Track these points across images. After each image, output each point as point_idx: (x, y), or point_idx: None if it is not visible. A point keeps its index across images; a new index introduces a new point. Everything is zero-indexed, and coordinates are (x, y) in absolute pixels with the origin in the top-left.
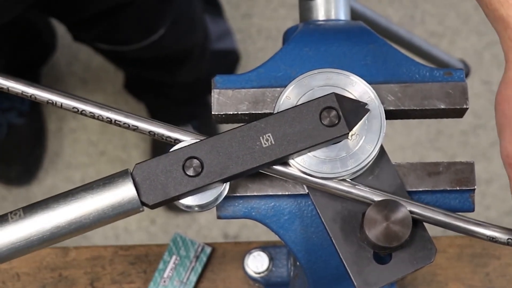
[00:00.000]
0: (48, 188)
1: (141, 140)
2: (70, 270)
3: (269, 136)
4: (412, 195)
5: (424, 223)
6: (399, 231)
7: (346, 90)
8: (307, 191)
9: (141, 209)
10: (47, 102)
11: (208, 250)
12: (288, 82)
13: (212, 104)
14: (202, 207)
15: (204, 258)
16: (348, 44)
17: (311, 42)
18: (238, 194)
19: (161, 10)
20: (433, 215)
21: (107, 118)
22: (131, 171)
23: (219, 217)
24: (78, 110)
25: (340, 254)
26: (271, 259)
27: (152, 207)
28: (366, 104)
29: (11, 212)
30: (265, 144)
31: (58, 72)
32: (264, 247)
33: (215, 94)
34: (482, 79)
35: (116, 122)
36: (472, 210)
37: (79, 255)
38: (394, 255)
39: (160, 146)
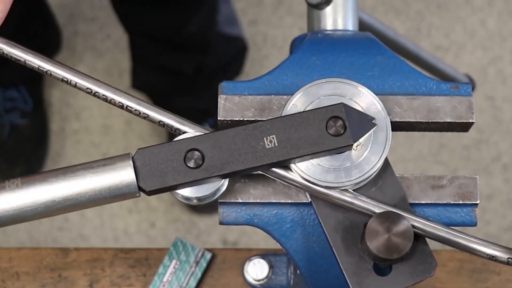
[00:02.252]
0: None
1: (143, 143)
2: (69, 271)
3: (273, 137)
4: (414, 208)
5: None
6: (400, 244)
7: (353, 101)
8: (310, 200)
9: (137, 194)
10: (62, 80)
11: (208, 255)
12: (295, 90)
13: (218, 110)
14: (201, 200)
15: (204, 264)
16: (356, 55)
17: (319, 51)
18: (240, 201)
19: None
20: (434, 231)
21: (119, 102)
22: (133, 155)
23: (221, 223)
24: (91, 91)
25: (340, 264)
26: (271, 266)
27: (149, 193)
28: (373, 118)
29: (9, 180)
30: (268, 145)
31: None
32: (264, 254)
33: (222, 100)
34: (486, 94)
35: (128, 107)
36: (475, 224)
37: (79, 257)
38: (394, 267)
39: None
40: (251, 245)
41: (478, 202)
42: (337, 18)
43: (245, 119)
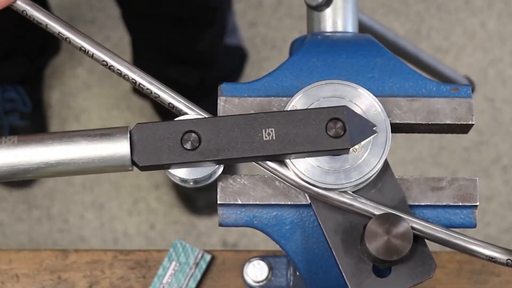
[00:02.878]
0: (49, 190)
1: None
2: (69, 273)
3: (271, 130)
4: (414, 209)
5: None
6: (400, 245)
7: (353, 102)
8: (309, 201)
9: (130, 168)
10: (80, 49)
11: (208, 257)
12: (294, 92)
13: (218, 111)
14: (197, 182)
15: (203, 265)
16: (356, 56)
17: (319, 53)
18: (240, 202)
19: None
20: (434, 232)
21: (132, 79)
22: (131, 129)
23: (220, 225)
24: (107, 64)
25: (340, 266)
26: (270, 268)
27: (142, 168)
28: (374, 125)
29: (6, 137)
30: (266, 137)
31: (61, 76)
32: (264, 256)
33: (221, 102)
34: (486, 95)
35: (140, 85)
36: (474, 226)
37: (79, 258)
38: (393, 269)
39: None
40: (250, 247)
41: (477, 203)
42: (336, 20)
43: None
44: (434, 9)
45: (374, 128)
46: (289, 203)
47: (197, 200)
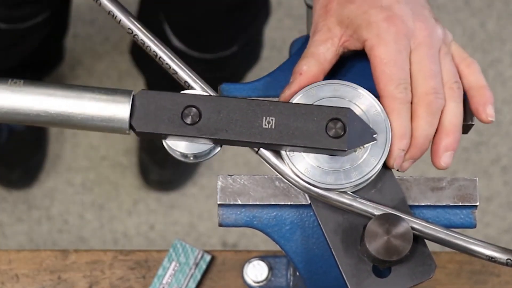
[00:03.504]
0: (49, 191)
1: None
2: (69, 273)
3: (272, 119)
4: (414, 210)
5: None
6: (400, 246)
7: (353, 103)
8: (309, 201)
9: (127, 132)
10: (109, 13)
11: (207, 257)
12: None
13: None
14: (197, 157)
15: (203, 266)
16: (356, 57)
17: None
18: (240, 203)
19: (241, 26)
20: (434, 232)
21: (153, 51)
22: (135, 93)
23: (220, 225)
24: (132, 32)
25: (340, 266)
26: (270, 268)
27: (138, 134)
28: (375, 133)
29: (13, 79)
30: (265, 125)
31: (61, 76)
32: (264, 256)
33: None
34: None
35: (160, 59)
36: (474, 226)
37: (78, 259)
38: (393, 269)
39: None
40: (250, 247)
41: (477, 204)
42: None
43: None
44: (433, 9)
45: (374, 136)
46: (289, 203)
47: (151, 173)
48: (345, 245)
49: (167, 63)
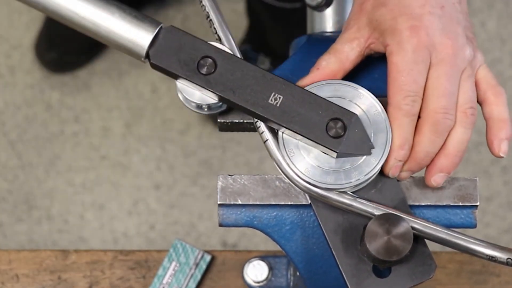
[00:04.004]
0: (49, 190)
1: (142, 146)
2: (69, 273)
3: (279, 97)
4: (414, 209)
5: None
6: (400, 246)
7: (353, 103)
8: (309, 201)
9: (143, 59)
10: None
11: (208, 257)
12: None
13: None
14: (211, 109)
15: (203, 266)
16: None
17: (319, 53)
18: (240, 203)
19: None
20: (434, 232)
21: None
22: (163, 26)
23: (220, 225)
24: None
25: (340, 266)
26: (270, 268)
27: (152, 65)
28: (372, 147)
29: None
30: (271, 101)
31: (61, 76)
32: (264, 256)
33: None
34: None
35: (202, 5)
36: (474, 226)
37: (79, 259)
38: (393, 269)
39: None
40: (250, 247)
41: (478, 204)
42: (337, 20)
43: (245, 120)
44: None
45: (371, 149)
46: (289, 203)
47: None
48: (345, 245)
49: (207, 11)
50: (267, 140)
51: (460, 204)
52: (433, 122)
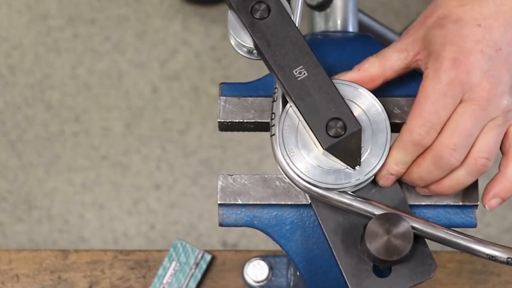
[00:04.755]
0: (49, 190)
1: (142, 146)
2: (69, 273)
3: (304, 74)
4: (414, 209)
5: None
6: (400, 245)
7: (354, 102)
8: (309, 201)
9: None
10: None
11: (208, 257)
12: None
13: (218, 111)
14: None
15: (204, 265)
16: (356, 56)
17: (319, 52)
18: (240, 202)
19: None
20: (434, 232)
21: None
22: None
23: (221, 225)
24: None
25: (340, 266)
26: (271, 268)
27: None
28: (359, 164)
29: None
30: (295, 71)
31: (61, 76)
32: (264, 256)
33: (222, 102)
34: None
35: None
36: (474, 226)
37: (79, 258)
38: (393, 269)
39: None
40: (251, 247)
41: (478, 203)
42: (336, 20)
43: (245, 120)
44: None
45: (355, 166)
46: (289, 203)
47: None
48: (345, 245)
49: None
50: (273, 134)
51: (460, 203)
52: (438, 154)
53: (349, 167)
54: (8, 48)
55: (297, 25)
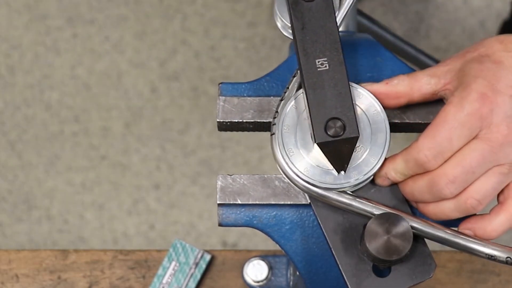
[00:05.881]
0: (48, 190)
1: (142, 146)
2: (69, 273)
3: (326, 66)
4: (413, 209)
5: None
6: (400, 245)
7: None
8: (309, 201)
9: None
10: None
11: (207, 257)
12: None
13: (217, 111)
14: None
15: (203, 265)
16: (355, 56)
17: None
18: (240, 202)
19: None
20: (434, 231)
21: None
22: None
23: (220, 225)
24: None
25: (340, 266)
26: (270, 268)
27: None
28: (344, 170)
29: None
30: (318, 61)
31: (61, 76)
32: (264, 256)
33: (221, 102)
34: None
35: None
36: None
37: (78, 258)
38: (393, 269)
39: None
40: (250, 247)
41: None
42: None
43: (244, 120)
44: (433, 8)
45: (341, 171)
46: (288, 203)
47: None
48: (345, 245)
49: None
50: (273, 134)
51: None
52: (435, 180)
53: (335, 169)
54: (7, 48)
55: (338, 20)
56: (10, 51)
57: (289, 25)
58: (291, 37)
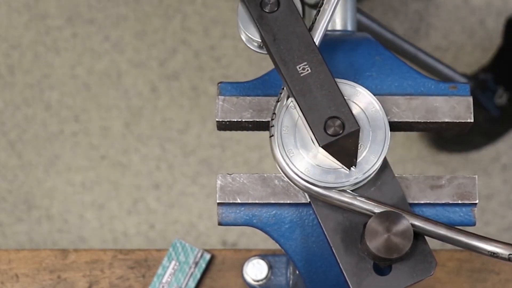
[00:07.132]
0: (48, 190)
1: (142, 145)
2: (69, 273)
3: (307, 71)
4: (414, 208)
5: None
6: (400, 243)
7: (352, 101)
8: (308, 200)
9: None
10: None
11: (207, 256)
12: None
13: (216, 111)
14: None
15: (203, 265)
16: (354, 55)
17: None
18: (239, 201)
19: None
20: (435, 229)
21: None
22: None
23: (220, 224)
24: None
25: (340, 265)
26: (270, 267)
27: None
28: (354, 165)
29: None
30: (299, 67)
31: (60, 75)
32: (264, 255)
33: (220, 101)
34: None
35: None
36: (474, 224)
37: (78, 258)
38: (394, 267)
39: None
40: (250, 246)
41: (477, 201)
42: (335, 19)
43: (243, 120)
44: (433, 7)
45: (351, 166)
46: (288, 202)
47: None
48: (345, 244)
49: None
50: (272, 135)
51: (459, 202)
52: None
53: (344, 167)
54: (7, 48)
55: (326, 19)
56: (10, 51)
57: (254, 38)
58: (257, 50)
